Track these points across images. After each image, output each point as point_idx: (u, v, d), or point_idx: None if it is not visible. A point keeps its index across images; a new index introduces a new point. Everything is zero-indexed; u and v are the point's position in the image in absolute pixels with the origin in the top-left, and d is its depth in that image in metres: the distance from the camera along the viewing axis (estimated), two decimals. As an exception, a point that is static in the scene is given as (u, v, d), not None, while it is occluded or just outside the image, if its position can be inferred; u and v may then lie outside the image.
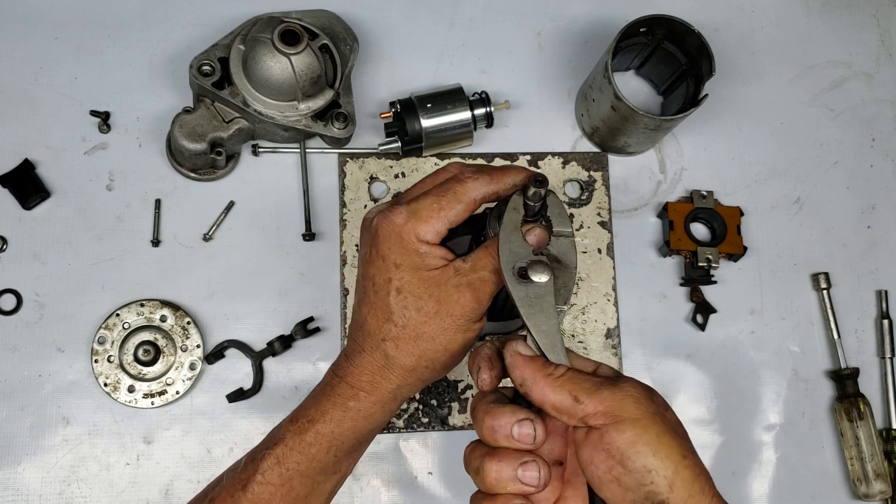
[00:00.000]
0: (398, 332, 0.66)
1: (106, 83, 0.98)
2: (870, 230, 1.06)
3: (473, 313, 0.67)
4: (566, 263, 0.66)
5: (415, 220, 0.66)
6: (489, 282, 0.66)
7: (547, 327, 0.63)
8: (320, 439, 0.67)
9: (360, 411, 0.68)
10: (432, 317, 0.66)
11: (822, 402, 1.01)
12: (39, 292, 0.93)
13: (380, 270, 0.66)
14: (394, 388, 0.68)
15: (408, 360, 0.67)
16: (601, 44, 1.02)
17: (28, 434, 0.89)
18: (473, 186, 0.67)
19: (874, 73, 1.11)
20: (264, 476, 0.67)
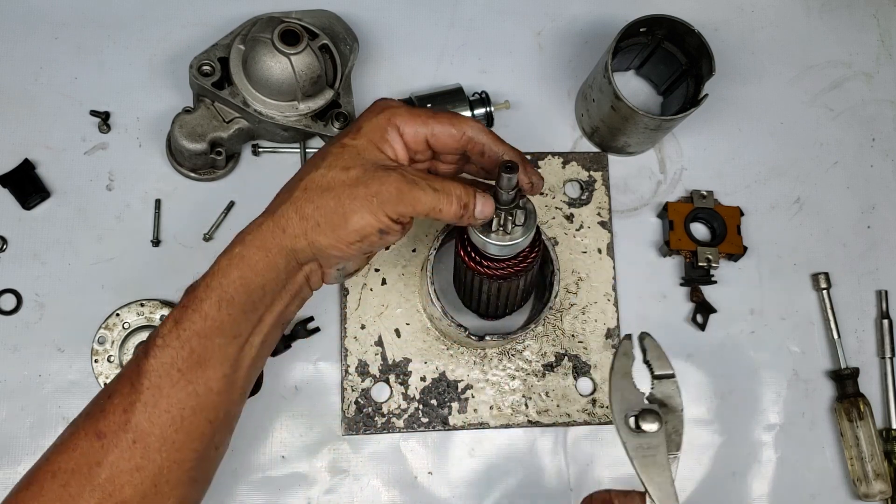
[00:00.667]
0: (316, 177, 0.66)
1: (106, 83, 0.98)
2: (870, 230, 1.06)
3: (388, 202, 0.66)
4: (672, 407, 0.66)
5: (405, 109, 0.69)
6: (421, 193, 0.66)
7: (661, 479, 0.63)
8: (210, 293, 0.66)
9: (244, 258, 0.66)
10: (350, 181, 0.66)
11: (822, 402, 1.01)
12: (39, 292, 0.93)
13: (345, 131, 0.70)
14: (280, 234, 0.66)
15: (307, 206, 0.66)
16: (601, 44, 1.02)
17: (28, 434, 0.89)
18: (474, 126, 0.70)
19: (874, 73, 1.11)
20: (164, 339, 0.66)
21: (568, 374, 0.96)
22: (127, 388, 0.65)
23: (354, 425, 0.93)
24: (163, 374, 0.65)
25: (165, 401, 0.65)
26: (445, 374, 0.95)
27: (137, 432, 0.64)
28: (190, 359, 0.65)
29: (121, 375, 0.67)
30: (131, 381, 0.65)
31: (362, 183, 0.65)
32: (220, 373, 0.67)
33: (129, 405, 0.64)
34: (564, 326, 0.97)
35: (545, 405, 0.95)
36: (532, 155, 1.02)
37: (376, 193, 0.65)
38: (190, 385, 0.65)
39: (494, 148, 0.71)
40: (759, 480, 0.98)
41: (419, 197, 0.66)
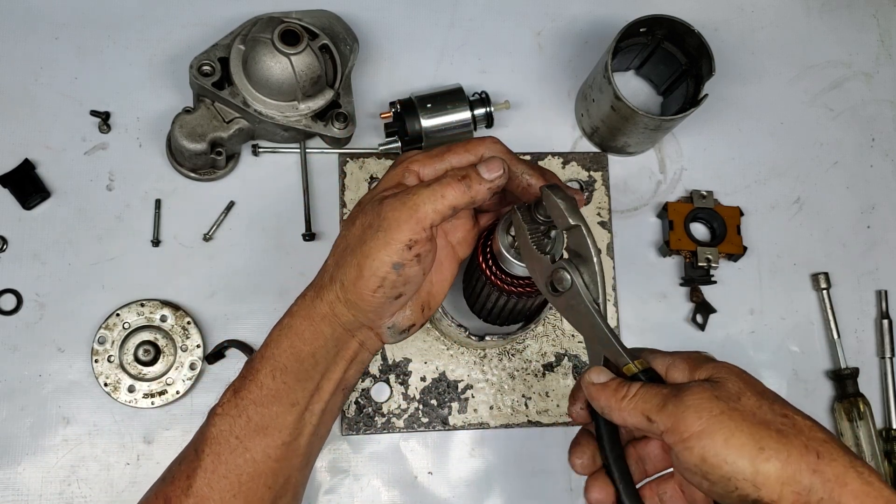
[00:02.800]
0: (339, 241, 0.68)
1: (106, 83, 0.98)
2: (870, 230, 1.06)
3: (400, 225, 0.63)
4: (585, 256, 0.64)
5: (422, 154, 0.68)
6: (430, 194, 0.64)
7: (592, 329, 0.63)
8: (264, 364, 0.68)
9: (292, 328, 0.68)
10: (363, 230, 0.65)
11: (821, 402, 1.01)
12: (39, 292, 0.93)
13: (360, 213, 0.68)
14: (318, 303, 0.68)
15: (336, 271, 0.67)
16: (601, 44, 1.02)
17: (28, 434, 0.90)
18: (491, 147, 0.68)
19: (874, 73, 1.11)
20: (223, 408, 0.68)
21: (568, 374, 0.96)
22: (192, 454, 0.69)
23: (354, 425, 0.93)
24: (222, 442, 0.68)
25: (224, 467, 0.67)
26: (445, 374, 0.95)
27: (198, 497, 0.67)
28: (248, 426, 0.67)
29: (190, 442, 0.71)
30: (195, 448, 0.69)
31: (368, 227, 0.65)
32: (279, 440, 0.68)
33: (192, 471, 0.68)
34: (564, 326, 0.97)
35: (545, 405, 0.96)
36: (532, 155, 1.02)
37: (378, 228, 0.64)
38: (248, 452, 0.68)
39: (514, 168, 0.68)
40: (758, 480, 0.97)
41: (415, 203, 0.63)
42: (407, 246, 0.64)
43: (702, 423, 0.53)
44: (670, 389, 0.56)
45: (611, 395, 0.59)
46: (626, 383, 0.59)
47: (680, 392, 0.55)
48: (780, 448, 0.52)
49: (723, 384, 0.56)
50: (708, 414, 0.53)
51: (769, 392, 0.57)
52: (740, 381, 0.56)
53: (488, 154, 0.66)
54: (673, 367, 0.60)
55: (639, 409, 0.57)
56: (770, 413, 0.54)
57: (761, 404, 0.54)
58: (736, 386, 0.56)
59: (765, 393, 0.56)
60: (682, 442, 0.53)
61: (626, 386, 0.59)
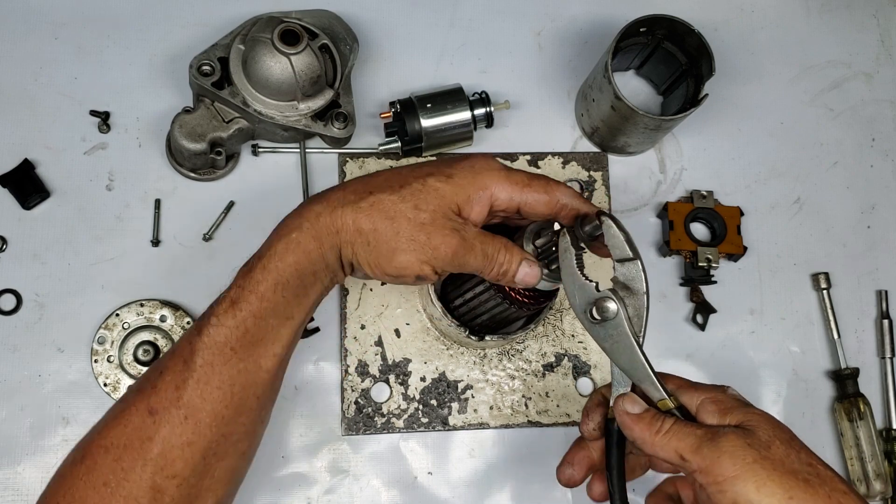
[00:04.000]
0: (385, 199, 0.67)
1: (106, 83, 0.98)
2: (870, 230, 1.06)
3: (440, 259, 0.68)
4: (634, 290, 0.67)
5: (504, 175, 0.69)
6: (473, 255, 0.69)
7: (631, 362, 0.65)
8: (267, 275, 0.67)
9: (300, 244, 0.68)
10: (415, 224, 0.67)
11: (821, 402, 1.01)
12: (39, 292, 0.93)
13: (436, 167, 0.69)
14: (333, 230, 0.68)
15: (365, 221, 0.68)
16: (601, 44, 1.02)
17: (28, 434, 0.89)
18: (566, 192, 0.70)
19: (874, 73, 1.11)
20: (219, 319, 0.67)
21: (568, 374, 0.96)
22: (179, 365, 0.67)
23: (354, 425, 0.93)
24: (216, 353, 0.67)
25: (217, 378, 0.67)
26: (445, 375, 0.95)
27: (189, 408, 0.66)
28: (244, 338, 0.67)
29: (172, 352, 0.69)
30: (184, 359, 0.67)
31: (425, 231, 0.67)
32: (272, 352, 0.69)
33: (182, 382, 0.66)
34: (564, 326, 0.97)
35: (545, 405, 0.95)
36: (532, 155, 1.02)
37: (433, 248, 0.67)
38: (241, 363, 0.67)
39: (584, 210, 0.71)
40: (759, 480, 0.97)
41: (469, 261, 0.69)
42: (434, 271, 0.69)
43: (736, 469, 0.57)
44: (704, 432, 0.60)
45: (645, 427, 0.63)
46: (660, 417, 0.63)
47: (716, 437, 0.59)
48: (807, 498, 0.56)
49: (754, 432, 0.60)
50: (742, 461, 0.57)
51: (796, 440, 0.61)
52: (770, 429, 0.60)
53: (564, 200, 0.70)
54: (703, 408, 0.64)
55: (672, 446, 0.61)
56: (797, 462, 0.58)
57: (789, 453, 0.58)
58: (766, 434, 0.59)
59: (792, 441, 0.60)
60: (717, 484, 0.58)
61: (660, 420, 0.63)
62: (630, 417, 0.64)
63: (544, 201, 0.69)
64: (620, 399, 0.65)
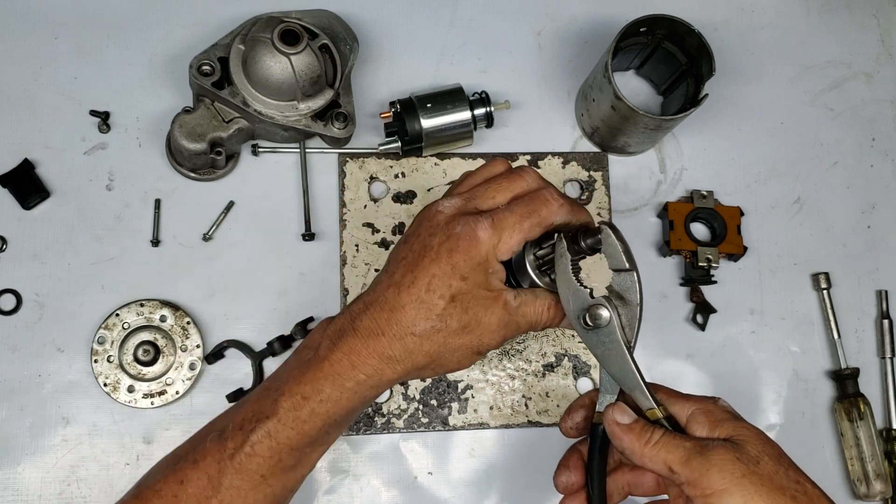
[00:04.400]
0: (431, 331, 0.66)
1: (106, 83, 0.98)
2: (870, 230, 1.06)
3: (492, 347, 0.68)
4: (628, 300, 0.67)
5: (497, 238, 0.66)
6: (518, 330, 0.69)
7: (622, 370, 0.65)
8: (315, 418, 0.66)
9: (357, 394, 0.67)
10: (466, 334, 0.66)
11: (822, 402, 1.01)
12: (39, 292, 0.93)
13: (444, 275, 0.65)
14: (394, 379, 0.67)
15: (421, 359, 0.67)
16: (601, 44, 1.01)
17: (28, 434, 0.89)
18: (558, 212, 0.68)
19: (874, 73, 1.11)
20: (254, 448, 0.66)
21: (568, 374, 0.96)
22: (204, 481, 0.66)
23: (354, 425, 0.93)
24: (245, 479, 0.66)
25: (242, 501, 0.66)
26: (445, 375, 0.95)
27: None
28: (277, 466, 0.67)
29: (195, 463, 0.67)
30: (209, 476, 0.66)
31: (475, 334, 0.67)
32: (301, 475, 0.69)
33: (205, 499, 0.66)
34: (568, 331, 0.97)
35: (545, 405, 0.95)
36: (532, 155, 1.02)
37: (486, 344, 0.68)
38: (269, 488, 0.67)
39: (578, 219, 0.71)
40: (759, 480, 0.97)
41: (513, 328, 0.69)
42: (483, 354, 0.69)
43: (724, 482, 0.57)
44: (693, 444, 0.60)
45: (635, 438, 0.63)
46: (649, 427, 0.63)
47: (704, 450, 0.59)
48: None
49: (744, 446, 0.60)
50: (730, 475, 0.57)
51: (785, 457, 0.61)
52: (760, 445, 0.60)
53: (559, 221, 0.68)
54: (693, 420, 0.63)
55: (661, 457, 0.61)
56: (786, 479, 0.59)
57: (778, 470, 0.59)
58: (756, 449, 0.60)
59: (781, 458, 0.60)
60: (704, 497, 0.58)
61: (649, 431, 0.63)
62: (620, 427, 0.64)
63: (539, 233, 0.69)
64: (610, 408, 0.65)
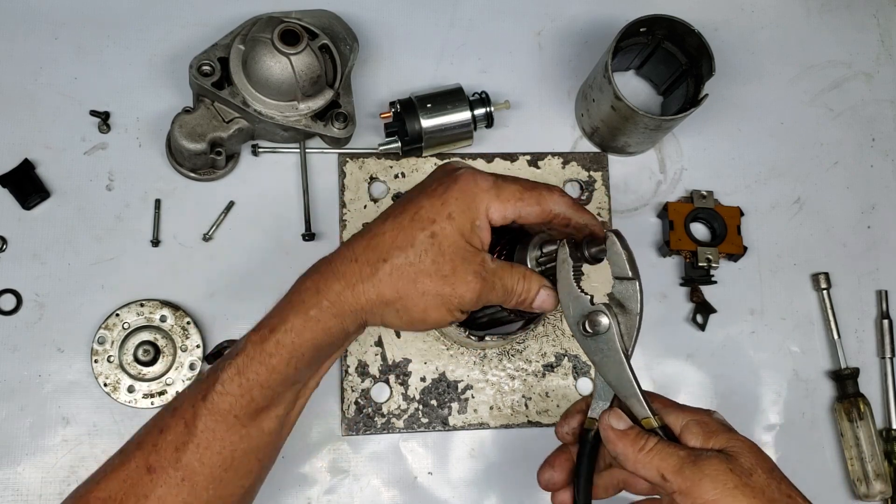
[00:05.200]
0: (403, 263, 0.65)
1: (106, 83, 0.98)
2: (870, 230, 1.06)
3: (466, 304, 0.67)
4: (628, 309, 0.67)
5: (494, 194, 0.66)
6: (494, 293, 0.68)
7: (619, 378, 0.66)
8: (280, 349, 0.66)
9: (320, 322, 0.66)
10: (438, 278, 0.65)
11: (822, 403, 1.01)
12: (39, 292, 0.93)
13: (432, 207, 0.66)
14: (357, 308, 0.66)
15: (389, 291, 0.66)
16: (601, 44, 1.01)
17: (28, 434, 0.89)
18: (559, 201, 0.68)
19: (874, 73, 1.11)
20: (224, 386, 0.66)
21: (568, 374, 0.96)
22: (181, 426, 0.66)
23: (354, 425, 0.93)
24: (219, 419, 0.66)
25: (219, 443, 0.66)
26: (445, 375, 0.95)
27: (187, 471, 0.66)
28: (249, 406, 0.66)
29: (174, 410, 0.68)
30: (185, 421, 0.66)
31: (449, 283, 0.66)
32: (275, 414, 0.68)
33: (182, 444, 0.66)
34: (564, 326, 0.97)
35: (545, 405, 0.95)
36: (532, 155, 1.02)
37: (459, 297, 0.66)
38: (244, 429, 0.67)
39: (580, 220, 0.70)
40: (759, 480, 0.97)
41: (491, 298, 0.68)
42: (463, 312, 0.68)
43: (717, 493, 0.58)
44: (687, 453, 0.61)
45: (629, 444, 0.63)
46: (644, 435, 0.63)
47: (698, 460, 0.60)
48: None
49: (737, 458, 0.60)
50: (723, 486, 0.58)
51: (777, 470, 0.61)
52: (753, 457, 0.60)
53: (557, 210, 0.69)
54: (688, 430, 0.64)
55: (654, 464, 0.61)
56: (777, 492, 0.59)
57: (770, 483, 0.59)
58: (749, 461, 0.60)
59: (773, 471, 0.60)
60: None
61: (644, 438, 0.63)
62: (615, 433, 0.64)
63: (536, 213, 0.68)
64: (606, 413, 0.65)
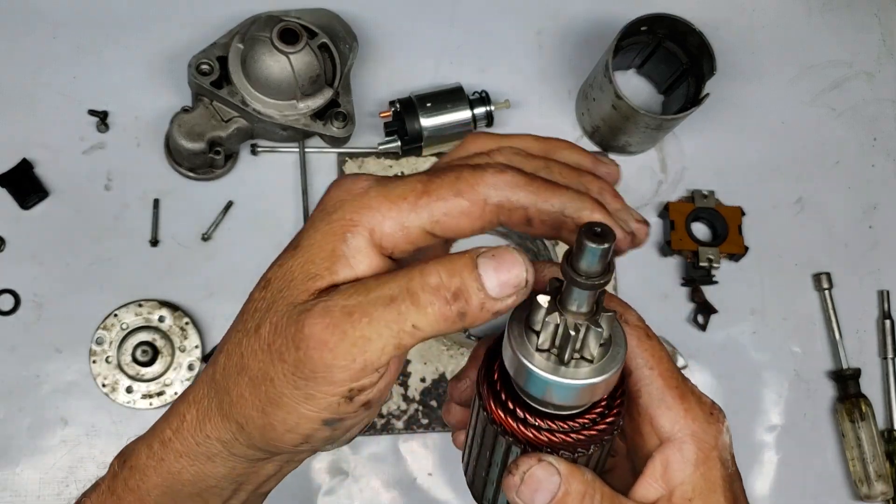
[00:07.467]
0: (229, 347, 0.42)
1: (104, 82, 0.98)
2: (871, 230, 1.06)
3: (325, 371, 0.38)
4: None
5: (377, 193, 0.39)
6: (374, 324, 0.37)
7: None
8: (128, 494, 0.47)
9: (164, 463, 0.46)
10: (264, 350, 0.40)
11: (823, 403, 1.00)
12: (37, 292, 0.92)
13: (284, 249, 0.42)
14: (204, 439, 0.44)
15: (224, 398, 0.42)
16: (602, 43, 1.01)
17: (26, 435, 0.89)
18: (493, 181, 0.39)
19: (875, 72, 1.11)
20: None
21: (568, 374, 0.96)
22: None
23: (354, 426, 0.92)
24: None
25: None
26: (445, 376, 0.94)
27: None
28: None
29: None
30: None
31: (277, 353, 0.39)
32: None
33: None
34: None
35: (545, 406, 0.95)
36: (532, 154, 1.01)
37: (296, 369, 0.38)
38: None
39: (544, 206, 0.41)
40: (760, 481, 0.97)
41: (363, 337, 0.37)
42: (346, 398, 0.39)
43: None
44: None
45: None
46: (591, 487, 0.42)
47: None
48: None
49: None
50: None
51: None
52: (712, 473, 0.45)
53: (497, 199, 0.39)
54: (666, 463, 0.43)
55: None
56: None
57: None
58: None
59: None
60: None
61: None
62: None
63: (461, 209, 0.39)
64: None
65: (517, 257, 0.37)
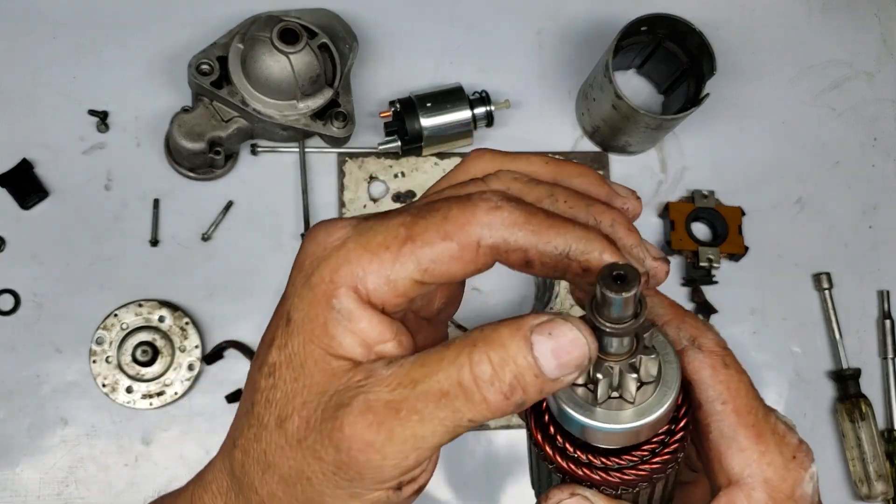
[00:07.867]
0: (247, 444, 0.38)
1: (104, 82, 0.98)
2: (871, 230, 1.06)
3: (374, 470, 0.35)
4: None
5: (355, 245, 0.36)
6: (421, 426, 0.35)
7: None
8: None
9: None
10: (294, 446, 0.36)
11: (823, 403, 1.00)
12: (37, 292, 0.92)
13: (273, 320, 0.39)
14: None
15: (252, 496, 0.39)
16: (602, 43, 1.01)
17: (26, 435, 0.89)
18: (488, 220, 0.35)
19: (876, 72, 1.11)
20: None
21: (568, 374, 0.96)
22: None
23: (354, 426, 0.92)
24: None
25: None
26: (445, 375, 0.94)
27: None
28: None
29: None
30: None
31: (310, 450, 0.36)
32: None
33: None
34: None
35: (545, 406, 0.95)
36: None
37: (337, 466, 0.35)
38: None
39: (546, 247, 0.36)
40: (760, 481, 0.97)
41: (416, 432, 0.35)
42: (395, 489, 0.37)
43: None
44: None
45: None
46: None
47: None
48: None
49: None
50: None
51: None
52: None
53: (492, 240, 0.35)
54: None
55: None
56: None
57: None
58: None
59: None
60: None
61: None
62: None
63: (451, 256, 0.35)
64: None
65: (578, 335, 0.33)
